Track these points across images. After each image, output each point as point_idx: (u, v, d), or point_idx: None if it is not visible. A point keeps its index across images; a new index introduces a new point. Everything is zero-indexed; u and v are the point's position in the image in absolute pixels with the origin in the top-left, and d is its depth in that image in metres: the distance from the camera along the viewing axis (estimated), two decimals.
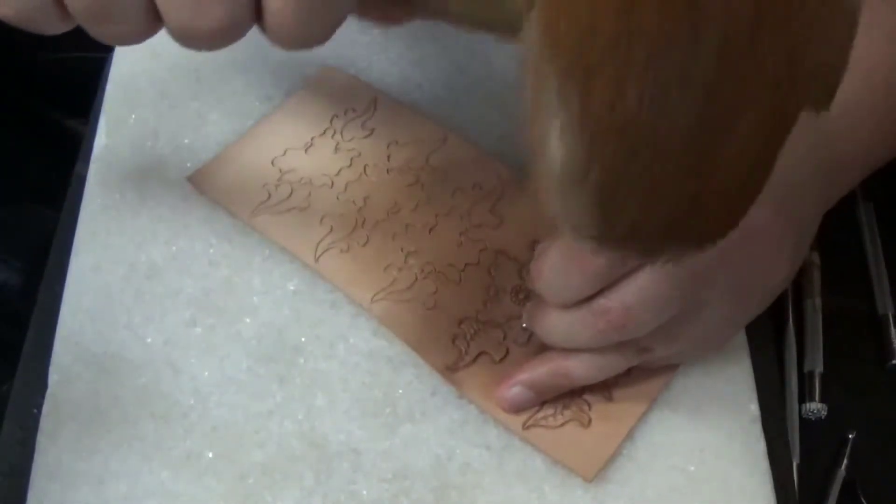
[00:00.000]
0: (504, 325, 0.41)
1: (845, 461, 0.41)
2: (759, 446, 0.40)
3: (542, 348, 0.40)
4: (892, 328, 0.45)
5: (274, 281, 0.43)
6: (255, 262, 0.43)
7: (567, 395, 0.39)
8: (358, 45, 0.51)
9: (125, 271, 0.43)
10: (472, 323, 0.41)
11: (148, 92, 0.48)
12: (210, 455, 0.38)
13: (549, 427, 0.39)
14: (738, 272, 0.36)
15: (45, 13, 0.29)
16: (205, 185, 0.45)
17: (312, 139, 0.47)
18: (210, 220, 0.44)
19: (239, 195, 0.44)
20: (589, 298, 0.35)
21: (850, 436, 0.42)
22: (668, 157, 0.24)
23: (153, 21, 0.29)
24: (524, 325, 0.41)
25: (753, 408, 0.41)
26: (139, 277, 0.42)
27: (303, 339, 0.41)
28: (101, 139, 0.46)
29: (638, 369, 0.40)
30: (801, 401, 0.43)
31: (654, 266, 0.33)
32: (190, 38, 0.29)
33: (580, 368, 0.38)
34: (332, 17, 0.29)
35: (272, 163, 0.46)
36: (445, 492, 0.38)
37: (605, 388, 0.40)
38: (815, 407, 0.43)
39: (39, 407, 0.39)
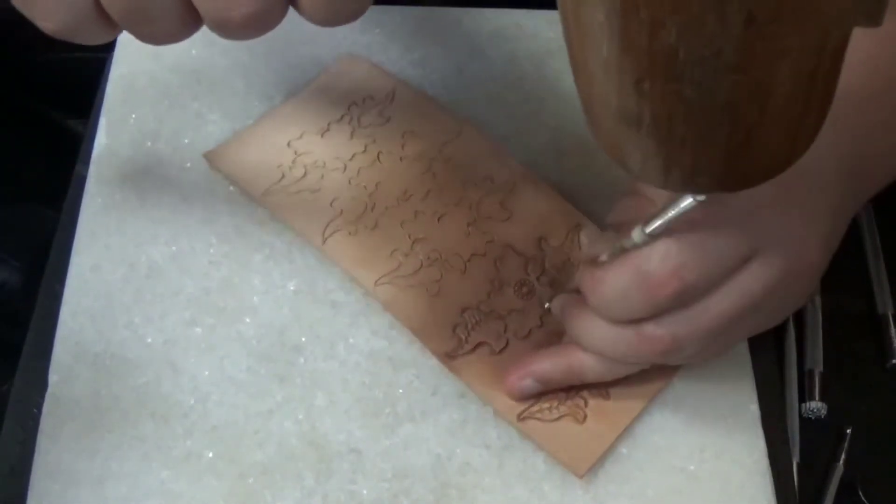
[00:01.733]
0: (506, 318, 0.41)
1: (843, 455, 0.41)
2: (759, 446, 0.40)
3: (543, 343, 0.40)
4: (892, 328, 0.45)
5: (274, 281, 0.43)
6: (255, 262, 0.43)
7: (565, 391, 0.40)
8: (358, 45, 0.50)
9: (125, 271, 0.42)
10: (474, 313, 0.41)
11: (148, 92, 0.48)
12: (210, 455, 0.38)
13: (543, 420, 0.39)
14: (772, 303, 0.35)
15: (88, 23, 0.29)
16: (220, 162, 0.45)
17: (329, 124, 0.47)
18: (210, 220, 0.44)
19: (253, 174, 0.45)
20: (639, 319, 0.35)
21: (848, 430, 0.42)
22: (716, 92, 0.23)
23: (192, 17, 0.29)
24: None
25: (753, 408, 0.41)
26: (139, 277, 0.42)
27: (303, 339, 0.41)
28: (101, 139, 0.46)
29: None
30: (802, 400, 0.43)
31: (711, 300, 0.33)
32: (227, 29, 0.29)
33: (594, 370, 0.38)
34: None
35: (288, 144, 0.46)
36: (445, 492, 0.38)
37: (603, 386, 0.40)
38: (816, 406, 0.43)
39: (39, 407, 0.39)
